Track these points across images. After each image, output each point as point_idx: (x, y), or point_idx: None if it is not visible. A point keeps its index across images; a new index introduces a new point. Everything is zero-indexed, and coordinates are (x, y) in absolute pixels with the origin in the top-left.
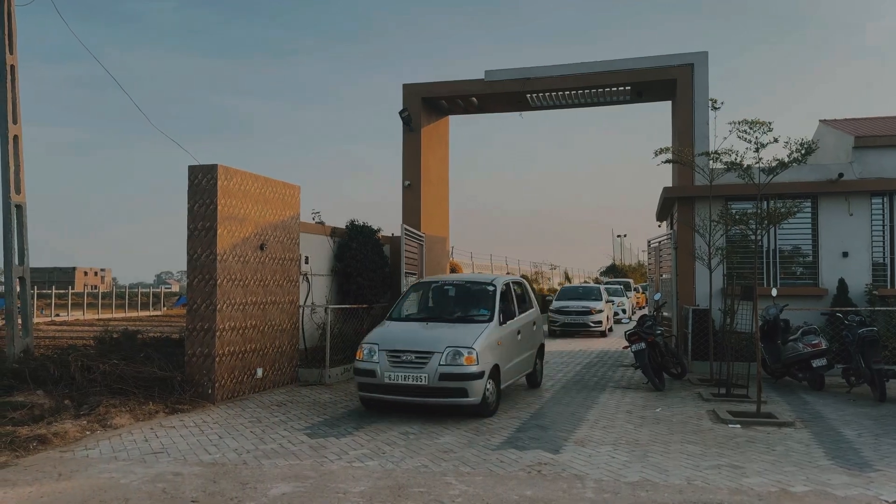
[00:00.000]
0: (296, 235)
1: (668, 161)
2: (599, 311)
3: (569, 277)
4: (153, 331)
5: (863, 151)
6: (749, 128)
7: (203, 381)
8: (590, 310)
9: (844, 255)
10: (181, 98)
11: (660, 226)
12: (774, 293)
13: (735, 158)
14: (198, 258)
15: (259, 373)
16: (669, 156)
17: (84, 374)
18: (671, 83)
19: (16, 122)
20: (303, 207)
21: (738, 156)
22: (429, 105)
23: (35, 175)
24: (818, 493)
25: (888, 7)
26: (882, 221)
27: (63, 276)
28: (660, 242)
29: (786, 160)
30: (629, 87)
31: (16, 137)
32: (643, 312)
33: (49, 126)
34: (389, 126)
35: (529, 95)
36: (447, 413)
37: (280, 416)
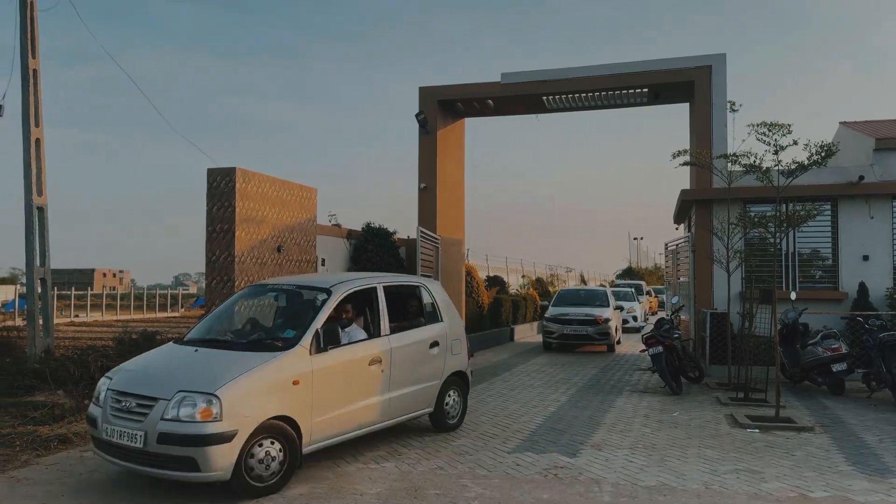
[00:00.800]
0: (312, 237)
1: (686, 163)
2: (606, 321)
3: (584, 280)
4: (172, 332)
5: (883, 154)
6: (768, 130)
7: None
8: (594, 318)
9: (865, 259)
10: (199, 100)
11: (677, 228)
12: (793, 296)
13: (754, 161)
14: (216, 260)
15: None
16: (687, 158)
17: (104, 374)
18: (689, 85)
19: (38, 126)
20: (320, 210)
21: (757, 158)
22: (444, 108)
23: (55, 177)
24: (838, 499)
25: None
26: None
27: (82, 278)
28: (677, 245)
29: (805, 163)
30: (646, 90)
31: (38, 140)
32: (658, 317)
33: (70, 128)
34: (405, 129)
35: (545, 98)
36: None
37: None
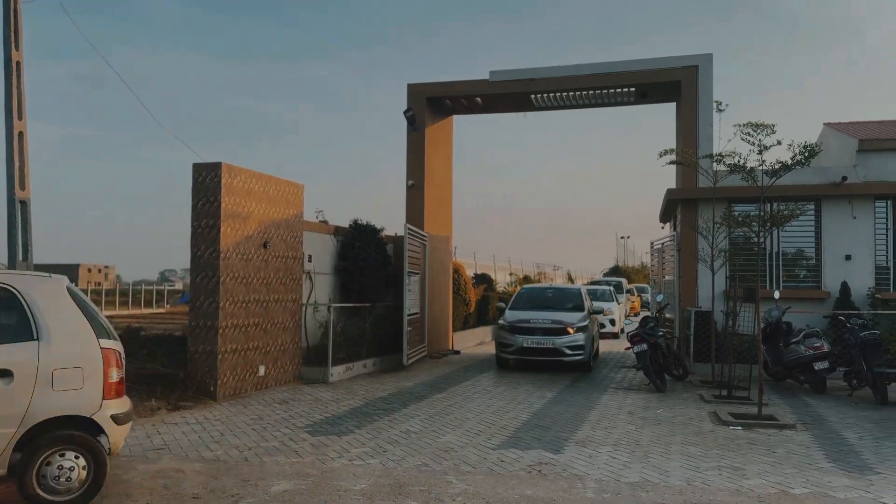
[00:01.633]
0: (299, 234)
1: (673, 163)
2: (581, 329)
3: (572, 279)
4: (156, 328)
5: (867, 155)
6: (753, 130)
7: (206, 379)
8: (563, 327)
9: (847, 259)
10: (193, 99)
11: (663, 227)
12: (777, 295)
13: (738, 160)
14: (201, 255)
15: (261, 370)
16: (674, 157)
17: None
18: (675, 85)
19: (21, 119)
20: (307, 206)
21: (742, 158)
22: (433, 105)
23: (39, 171)
24: (819, 496)
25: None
26: (885, 225)
27: (67, 273)
28: (663, 244)
29: (789, 162)
30: (633, 89)
31: (21, 134)
32: (640, 321)
33: (54, 123)
34: (393, 126)
35: (534, 96)
36: (448, 412)
37: (282, 414)
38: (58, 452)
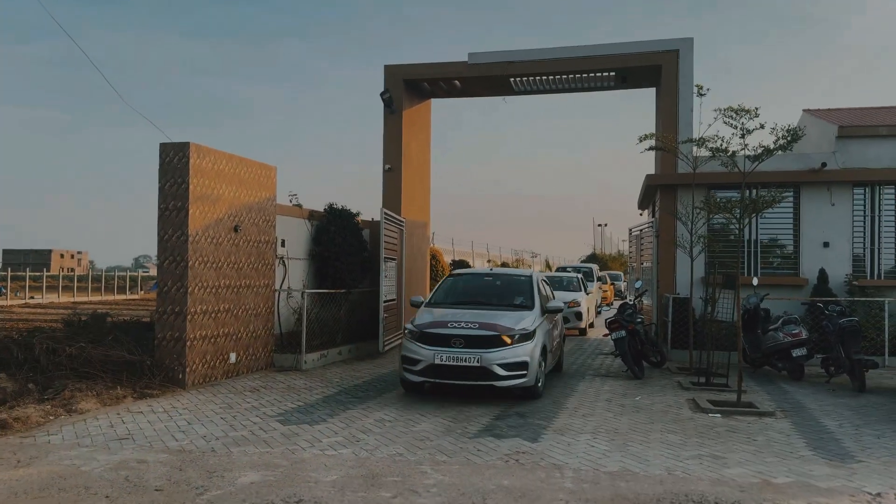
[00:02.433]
0: (272, 217)
1: (652, 148)
2: (524, 338)
3: (549, 266)
4: (125, 314)
5: (846, 142)
6: (735, 114)
7: (173, 366)
8: (497, 335)
9: (825, 246)
10: (166, 82)
11: (641, 214)
12: (755, 282)
13: (720, 144)
14: (168, 239)
15: (232, 357)
16: (653, 142)
17: (49, 358)
18: (656, 69)
19: None
20: (281, 189)
21: (724, 142)
22: (410, 87)
23: (10, 155)
24: (800, 485)
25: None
26: (863, 212)
27: (39, 259)
28: (641, 231)
29: (772, 147)
30: (613, 73)
31: None
32: (619, 307)
33: (25, 106)
34: (371, 110)
35: (513, 80)
36: (427, 400)
37: (252, 402)
38: None
